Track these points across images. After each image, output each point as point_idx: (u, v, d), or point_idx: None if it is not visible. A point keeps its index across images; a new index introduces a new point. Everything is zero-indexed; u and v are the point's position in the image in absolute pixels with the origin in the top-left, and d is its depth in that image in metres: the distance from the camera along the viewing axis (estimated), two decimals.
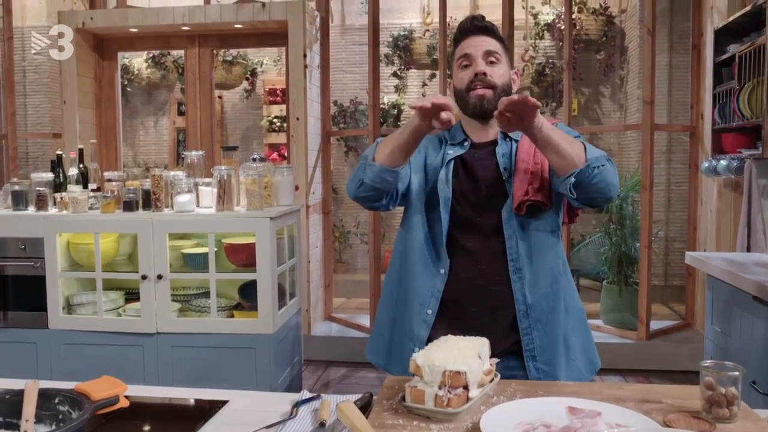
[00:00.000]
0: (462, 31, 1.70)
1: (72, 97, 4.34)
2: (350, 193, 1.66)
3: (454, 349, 1.18)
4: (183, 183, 2.91)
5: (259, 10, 4.13)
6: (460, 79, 1.67)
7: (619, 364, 4.08)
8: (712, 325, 2.69)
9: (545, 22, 5.96)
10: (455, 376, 1.10)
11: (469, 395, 1.12)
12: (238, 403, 1.25)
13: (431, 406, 1.10)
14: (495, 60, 1.65)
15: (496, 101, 1.52)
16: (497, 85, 1.63)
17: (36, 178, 3.05)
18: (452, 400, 1.09)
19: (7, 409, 0.99)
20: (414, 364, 1.15)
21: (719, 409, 1.05)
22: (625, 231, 4.43)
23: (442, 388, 1.10)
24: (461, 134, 1.71)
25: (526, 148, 1.63)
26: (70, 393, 0.99)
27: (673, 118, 5.37)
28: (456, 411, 1.09)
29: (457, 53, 1.70)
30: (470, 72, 1.64)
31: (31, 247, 2.96)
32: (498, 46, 1.67)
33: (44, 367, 2.98)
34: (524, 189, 1.58)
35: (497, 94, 1.61)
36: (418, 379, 1.14)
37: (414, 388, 1.13)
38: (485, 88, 1.62)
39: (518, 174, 1.60)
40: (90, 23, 4.30)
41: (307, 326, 4.30)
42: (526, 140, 1.60)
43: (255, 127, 6.71)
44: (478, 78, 1.62)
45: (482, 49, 1.64)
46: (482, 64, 1.63)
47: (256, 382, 2.88)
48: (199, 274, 2.98)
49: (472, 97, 1.63)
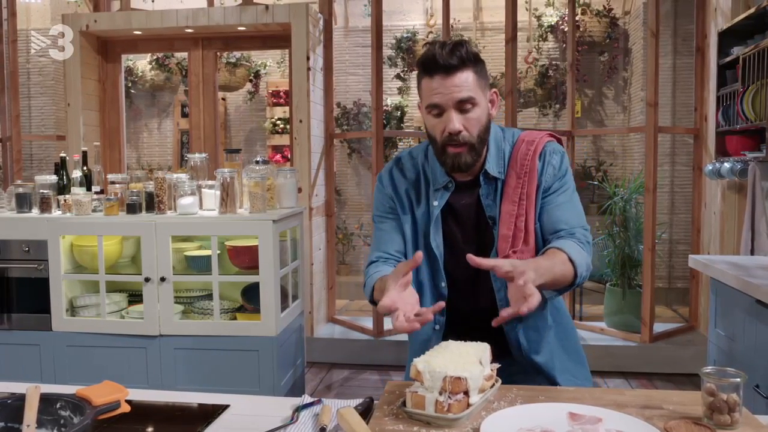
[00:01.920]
0: (426, 68, 1.50)
1: (76, 99, 4.36)
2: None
3: (455, 354, 1.18)
4: (186, 185, 2.92)
5: (262, 12, 4.14)
6: (433, 128, 1.54)
7: (622, 367, 4.07)
8: (716, 329, 2.68)
9: (549, 23, 5.96)
10: (456, 381, 1.10)
11: (469, 401, 1.12)
12: (239, 407, 1.25)
13: (432, 411, 1.10)
14: (470, 105, 1.49)
15: (473, 154, 1.52)
16: (474, 141, 1.51)
17: (40, 181, 3.06)
18: (453, 406, 1.09)
19: (9, 414, 0.99)
20: (414, 370, 1.14)
21: (720, 416, 1.05)
22: (628, 233, 4.42)
23: (442, 393, 1.10)
24: (443, 175, 1.60)
25: (511, 194, 1.56)
26: (71, 398, 1.00)
27: (677, 120, 5.36)
28: (457, 417, 1.09)
29: (425, 94, 1.52)
30: (443, 125, 1.50)
31: (35, 249, 2.97)
32: (471, 80, 1.48)
33: (48, 369, 2.99)
34: (508, 243, 1.54)
35: (475, 146, 1.52)
36: (419, 384, 1.14)
37: (415, 394, 1.13)
38: (462, 145, 1.51)
39: (503, 223, 1.55)
40: (94, 26, 4.31)
41: (310, 328, 4.30)
42: (512, 181, 1.57)
43: (258, 129, 6.72)
44: (453, 138, 1.50)
45: (454, 99, 1.47)
46: (456, 120, 1.48)
47: (259, 384, 2.89)
48: (202, 277, 2.99)
49: (449, 155, 1.52)
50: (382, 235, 1.68)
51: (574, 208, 1.60)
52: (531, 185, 1.56)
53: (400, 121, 6.33)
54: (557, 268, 1.42)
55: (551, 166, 1.59)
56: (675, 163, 5.49)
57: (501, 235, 1.55)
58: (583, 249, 1.52)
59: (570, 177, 1.62)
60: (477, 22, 6.14)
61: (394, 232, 1.66)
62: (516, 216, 1.55)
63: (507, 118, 4.15)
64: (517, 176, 1.57)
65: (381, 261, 1.65)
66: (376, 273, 1.60)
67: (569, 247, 1.48)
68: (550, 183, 1.58)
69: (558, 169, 1.59)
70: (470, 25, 6.11)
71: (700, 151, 4.34)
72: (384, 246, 1.66)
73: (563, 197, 1.59)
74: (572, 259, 1.45)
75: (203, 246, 3.16)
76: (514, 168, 1.58)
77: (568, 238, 1.53)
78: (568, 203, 1.59)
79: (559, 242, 1.51)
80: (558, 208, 1.57)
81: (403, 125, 6.35)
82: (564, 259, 1.45)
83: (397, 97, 6.37)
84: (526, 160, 1.58)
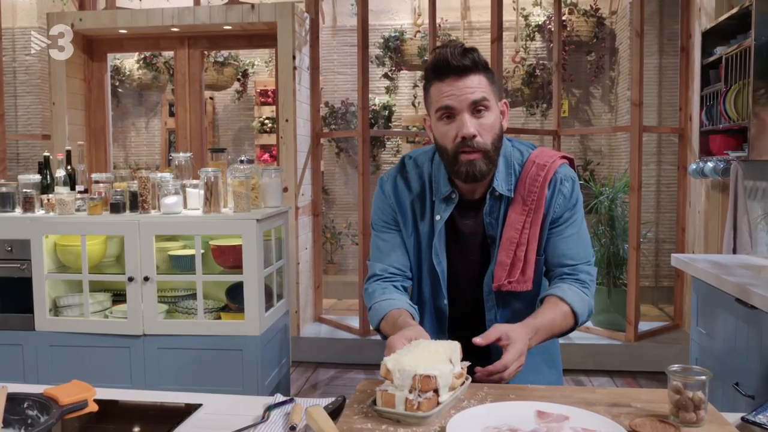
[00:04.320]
0: (438, 71, 1.44)
1: (61, 98, 4.34)
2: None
3: (425, 352, 1.19)
4: (170, 185, 2.92)
5: (248, 11, 4.13)
6: (444, 135, 1.45)
7: (607, 366, 4.10)
8: (697, 327, 2.70)
9: (536, 23, 5.98)
10: (425, 380, 1.10)
11: (439, 399, 1.12)
12: (212, 406, 1.25)
13: (401, 410, 1.10)
14: (483, 108, 1.42)
15: (487, 162, 1.45)
16: (488, 147, 1.44)
17: (23, 180, 3.05)
18: (422, 404, 1.09)
19: None
20: (384, 368, 1.15)
21: (686, 413, 1.06)
22: (614, 232, 4.45)
23: (412, 392, 1.11)
24: (447, 185, 1.54)
25: (513, 220, 1.51)
26: (38, 397, 1.00)
27: (663, 119, 5.39)
28: (426, 415, 1.09)
29: (435, 98, 1.45)
30: (455, 130, 1.43)
31: (18, 248, 2.96)
32: (484, 83, 1.43)
33: (31, 369, 2.98)
34: (505, 272, 1.50)
35: (489, 153, 1.45)
36: (389, 383, 1.14)
37: (385, 392, 1.13)
38: (476, 152, 1.43)
39: (502, 249, 1.51)
40: (79, 24, 4.29)
41: (296, 328, 4.30)
42: (518, 207, 1.51)
43: (246, 128, 6.70)
44: (467, 143, 1.42)
45: (467, 100, 1.40)
46: (470, 124, 1.41)
47: (243, 383, 2.89)
48: (186, 276, 2.99)
49: (462, 163, 1.44)
50: (385, 247, 1.62)
51: (581, 240, 1.57)
52: (537, 214, 1.51)
53: (387, 121, 6.34)
54: (557, 326, 1.45)
55: (562, 195, 1.53)
56: (661, 163, 5.53)
57: (498, 262, 1.51)
58: (586, 293, 1.52)
59: (580, 206, 1.57)
60: (465, 22, 6.15)
61: (397, 246, 1.61)
62: (517, 245, 1.50)
63: None
64: (523, 202, 1.51)
65: (386, 279, 1.61)
66: (386, 301, 1.55)
67: (572, 297, 1.48)
68: (560, 213, 1.54)
69: (569, 198, 1.54)
70: (458, 24, 6.12)
71: (685, 150, 4.37)
72: (387, 259, 1.61)
73: (571, 229, 1.55)
74: (575, 311, 1.47)
75: (187, 245, 3.16)
76: (521, 192, 1.52)
77: (572, 282, 1.52)
78: (575, 235, 1.55)
79: (561, 288, 1.50)
80: (565, 241, 1.54)
81: (391, 125, 6.36)
82: (566, 311, 1.46)
83: (384, 96, 6.37)
84: (534, 186, 1.51)
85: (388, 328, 1.50)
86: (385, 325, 1.52)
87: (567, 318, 1.46)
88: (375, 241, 1.66)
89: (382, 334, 1.57)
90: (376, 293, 1.59)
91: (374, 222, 1.66)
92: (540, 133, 5.55)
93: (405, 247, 1.61)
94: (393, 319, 1.49)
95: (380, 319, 1.54)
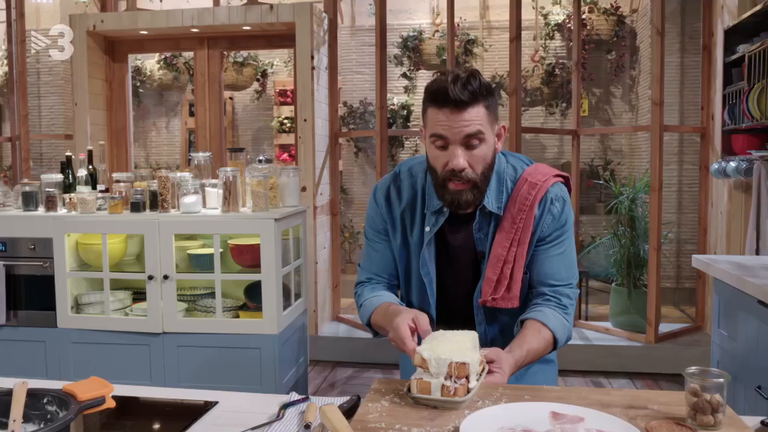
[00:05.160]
0: (435, 99, 1.42)
1: (83, 98, 4.39)
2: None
3: (453, 342, 1.25)
4: (189, 184, 2.94)
5: (267, 11, 4.16)
6: (435, 159, 1.47)
7: (627, 367, 4.06)
8: (719, 329, 2.66)
9: (555, 22, 5.94)
10: (461, 366, 1.17)
11: (469, 385, 1.18)
12: (228, 404, 1.26)
13: (439, 395, 1.16)
14: (477, 141, 1.43)
15: (475, 192, 1.47)
16: (477, 178, 1.46)
17: (46, 179, 3.09)
18: (458, 390, 1.16)
19: None
20: (419, 358, 1.20)
21: (704, 416, 1.05)
22: (634, 233, 4.40)
23: (448, 379, 1.16)
24: (438, 199, 1.54)
25: (502, 238, 1.53)
26: (57, 393, 1.01)
27: (685, 119, 5.33)
28: (462, 399, 1.16)
29: (430, 122, 1.44)
30: (446, 158, 1.44)
31: (41, 247, 3.00)
32: (482, 114, 1.42)
33: (53, 365, 3.02)
34: (491, 288, 1.52)
35: (478, 184, 1.47)
36: (422, 371, 1.20)
37: (420, 380, 1.18)
38: (464, 183, 1.45)
39: (490, 266, 1.53)
40: (101, 26, 4.35)
41: (314, 327, 4.31)
42: (507, 224, 1.52)
43: (266, 127, 6.74)
44: (456, 175, 1.43)
45: (462, 133, 1.40)
46: (461, 157, 1.42)
47: (261, 381, 2.90)
48: (205, 275, 3.01)
49: (449, 191, 1.46)
50: (375, 256, 1.66)
51: (566, 260, 1.58)
52: (525, 233, 1.52)
53: (406, 120, 6.34)
54: (538, 355, 1.48)
55: (551, 215, 1.54)
56: (683, 162, 5.46)
57: (486, 278, 1.53)
58: (567, 320, 1.54)
59: (570, 226, 1.58)
60: (483, 21, 6.13)
61: (387, 256, 1.65)
62: (504, 262, 1.51)
63: (511, 118, 4.14)
64: (512, 219, 1.52)
65: (374, 282, 1.65)
66: (375, 297, 1.59)
67: (555, 324, 1.50)
68: (548, 232, 1.55)
69: (557, 218, 1.55)
70: (477, 23, 6.10)
71: (707, 150, 4.32)
72: (376, 268, 1.66)
73: (557, 249, 1.56)
74: (556, 338, 1.50)
75: (206, 244, 3.18)
76: (511, 209, 1.53)
77: (554, 307, 1.53)
78: (561, 255, 1.56)
79: (545, 314, 1.51)
80: (550, 260, 1.55)
81: (410, 124, 6.35)
82: (548, 339, 1.49)
83: (403, 96, 6.37)
84: (525, 204, 1.52)
85: (380, 318, 1.53)
86: (377, 317, 1.55)
87: (548, 346, 1.50)
88: (366, 249, 1.69)
89: (372, 330, 1.61)
90: (365, 293, 1.63)
91: (366, 231, 1.70)
92: (559, 132, 5.52)
93: (394, 257, 1.64)
94: (384, 310, 1.53)
95: (371, 313, 1.58)
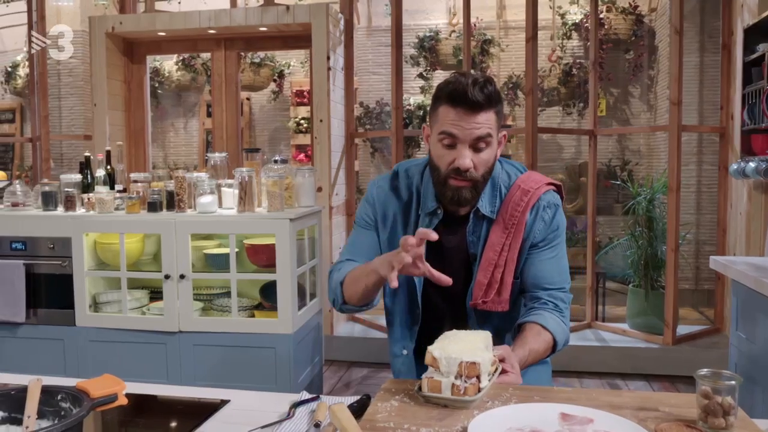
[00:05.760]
0: (452, 98, 1.45)
1: (102, 99, 4.45)
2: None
3: (465, 342, 1.25)
4: (205, 184, 2.97)
5: (283, 12, 4.18)
6: (440, 158, 1.50)
7: (644, 369, 4.02)
8: (737, 331, 2.63)
9: (573, 21, 5.90)
10: (471, 366, 1.17)
11: (480, 385, 1.19)
12: (239, 402, 1.27)
13: (449, 394, 1.17)
14: (484, 145, 1.47)
15: (474, 192, 1.51)
16: (478, 179, 1.50)
17: (65, 179, 3.13)
18: (468, 389, 1.16)
19: (12, 405, 1.03)
20: (430, 356, 1.21)
21: (715, 419, 1.04)
22: (652, 234, 4.36)
23: (458, 378, 1.17)
24: (433, 200, 1.58)
25: (493, 241, 1.55)
26: (71, 390, 1.03)
27: (705, 119, 5.27)
28: (472, 399, 1.16)
29: (441, 120, 1.48)
30: (452, 157, 1.47)
31: (60, 246, 3.04)
32: (492, 120, 1.46)
33: (71, 363, 3.06)
34: (481, 291, 1.55)
35: (478, 184, 1.51)
36: (433, 370, 1.21)
37: (431, 379, 1.19)
38: (466, 181, 1.49)
39: (481, 269, 1.55)
40: (119, 28, 4.40)
41: (329, 327, 4.33)
42: (498, 229, 1.55)
43: (283, 128, 6.78)
44: (460, 173, 1.47)
45: (472, 135, 1.45)
46: (467, 158, 1.45)
47: (276, 380, 2.92)
48: (221, 274, 3.03)
49: (450, 187, 1.50)
50: (360, 244, 1.68)
51: (558, 264, 1.60)
52: (516, 238, 1.55)
53: (422, 120, 6.33)
54: (539, 357, 1.49)
55: (543, 221, 1.58)
56: (702, 163, 5.40)
57: (477, 281, 1.56)
58: (564, 322, 1.56)
59: (562, 231, 1.62)
60: (500, 21, 6.11)
61: (371, 245, 1.66)
62: (495, 266, 1.55)
63: (527, 118, 4.12)
64: (504, 224, 1.56)
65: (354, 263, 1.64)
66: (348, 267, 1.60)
67: (554, 326, 1.52)
68: (540, 238, 1.59)
69: (549, 224, 1.59)
70: (493, 23, 6.08)
71: (726, 150, 4.26)
72: (357, 254, 1.66)
73: (549, 253, 1.59)
74: (556, 341, 1.51)
75: (223, 244, 3.21)
76: (503, 214, 1.57)
77: (552, 310, 1.55)
78: (553, 259, 1.60)
79: (544, 317, 1.53)
80: (543, 264, 1.58)
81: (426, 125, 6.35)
82: (548, 341, 1.50)
83: (419, 96, 6.37)
84: (516, 210, 1.56)
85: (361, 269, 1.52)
86: (355, 272, 1.54)
87: (548, 348, 1.52)
88: (353, 235, 1.71)
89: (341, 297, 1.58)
90: (343, 268, 1.62)
91: (357, 219, 1.72)
92: (575, 132, 5.48)
93: (378, 249, 1.65)
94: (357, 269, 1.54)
95: (347, 272, 1.57)
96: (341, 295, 1.59)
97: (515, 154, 5.96)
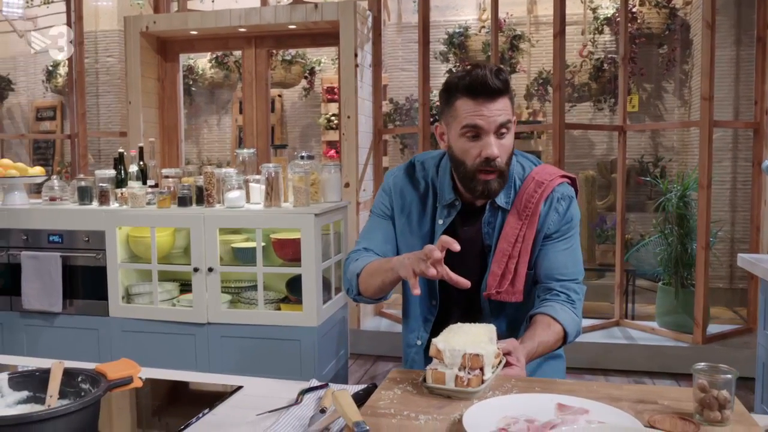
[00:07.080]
0: (471, 90, 1.46)
1: (136, 97, 4.57)
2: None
3: (469, 334, 1.28)
4: (233, 180, 3.04)
5: (311, 10, 4.24)
6: (465, 152, 1.50)
7: (672, 368, 3.98)
8: (765, 330, 2.60)
9: (605, 16, 5.84)
10: (474, 358, 1.20)
11: (483, 376, 1.21)
12: (252, 389, 1.32)
13: (452, 386, 1.19)
14: (506, 131, 1.49)
15: (501, 181, 1.52)
16: (504, 167, 1.51)
17: (99, 175, 3.24)
18: (471, 381, 1.19)
19: (36, 385, 1.11)
20: (435, 349, 1.24)
21: (711, 412, 1.05)
22: (682, 231, 4.30)
23: (462, 369, 1.20)
24: (451, 192, 1.61)
25: (509, 233, 1.57)
26: (90, 372, 1.10)
27: (740, 114, 5.16)
28: (475, 390, 1.18)
29: (462, 114, 1.48)
30: (478, 149, 1.48)
31: (94, 239, 3.15)
32: (508, 106, 1.49)
33: (105, 352, 3.17)
34: (495, 282, 1.56)
35: (504, 173, 1.52)
36: (437, 361, 1.23)
37: (435, 371, 1.22)
38: (494, 172, 1.50)
39: (495, 260, 1.57)
40: (153, 27, 4.51)
41: (356, 321, 4.38)
42: (513, 220, 1.57)
43: (313, 124, 6.85)
44: (489, 163, 1.48)
45: (496, 122, 1.46)
46: (494, 145, 1.47)
47: (301, 372, 2.97)
48: (248, 268, 3.10)
49: (480, 181, 1.51)
50: (376, 232, 1.70)
51: (573, 255, 1.61)
52: (530, 229, 1.57)
53: None
54: (549, 349, 1.50)
55: (556, 212, 1.59)
56: (737, 159, 5.29)
57: (491, 271, 1.58)
58: (576, 314, 1.57)
59: (576, 223, 1.63)
60: (531, 16, 6.07)
61: (387, 234, 1.69)
62: (509, 257, 1.56)
63: (555, 113, 4.11)
64: (518, 216, 1.58)
65: (373, 254, 1.66)
66: (372, 257, 1.62)
67: (564, 318, 1.53)
68: (554, 229, 1.60)
69: (563, 216, 1.60)
70: (524, 18, 6.05)
71: (760, 145, 4.18)
72: (373, 243, 1.68)
73: (564, 244, 1.61)
74: (567, 332, 1.52)
75: (250, 238, 3.28)
76: (517, 206, 1.58)
77: (564, 302, 1.56)
78: (567, 250, 1.61)
79: (554, 309, 1.54)
80: (557, 254, 1.60)
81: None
82: (558, 333, 1.51)
83: None
84: (531, 202, 1.57)
85: (381, 263, 1.54)
86: (375, 263, 1.56)
87: (559, 340, 1.52)
88: (369, 223, 1.73)
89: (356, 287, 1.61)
90: (361, 258, 1.64)
91: (374, 206, 1.75)
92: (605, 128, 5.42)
93: (394, 239, 1.68)
94: (375, 263, 1.56)
95: (366, 264, 1.58)
96: (356, 287, 1.62)
97: (545, 150, 5.93)
